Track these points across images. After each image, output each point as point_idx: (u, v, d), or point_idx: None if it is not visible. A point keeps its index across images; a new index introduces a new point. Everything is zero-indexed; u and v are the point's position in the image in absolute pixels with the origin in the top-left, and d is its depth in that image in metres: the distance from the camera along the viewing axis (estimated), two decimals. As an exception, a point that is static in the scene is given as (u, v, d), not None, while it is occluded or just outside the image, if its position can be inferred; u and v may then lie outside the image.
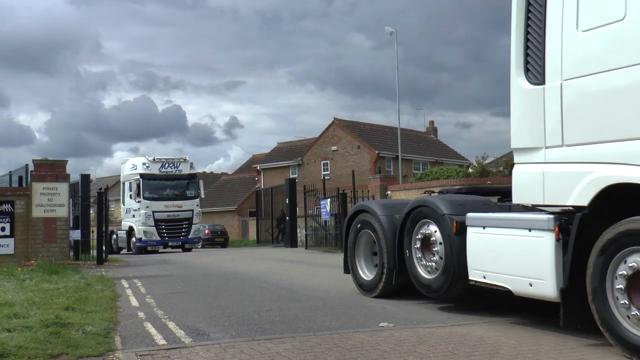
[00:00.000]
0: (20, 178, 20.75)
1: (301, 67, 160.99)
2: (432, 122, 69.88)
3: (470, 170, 27.90)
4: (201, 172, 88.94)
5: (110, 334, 7.96)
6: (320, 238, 29.58)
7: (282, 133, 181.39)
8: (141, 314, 9.62)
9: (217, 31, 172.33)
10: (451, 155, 64.26)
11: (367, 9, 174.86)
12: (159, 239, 33.05)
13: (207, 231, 46.35)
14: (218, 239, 47.21)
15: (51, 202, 18.17)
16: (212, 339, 7.65)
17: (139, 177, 33.10)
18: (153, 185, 33.25)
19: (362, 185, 28.29)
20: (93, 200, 23.78)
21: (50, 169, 18.61)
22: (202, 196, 35.75)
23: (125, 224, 35.09)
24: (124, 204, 35.96)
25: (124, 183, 36.08)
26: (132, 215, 33.98)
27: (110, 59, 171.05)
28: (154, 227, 32.85)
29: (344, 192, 26.76)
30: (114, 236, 35.91)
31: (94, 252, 21.78)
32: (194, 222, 34.18)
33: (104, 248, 21.64)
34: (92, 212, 25.71)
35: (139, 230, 33.05)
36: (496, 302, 10.33)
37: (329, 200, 27.55)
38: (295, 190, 33.67)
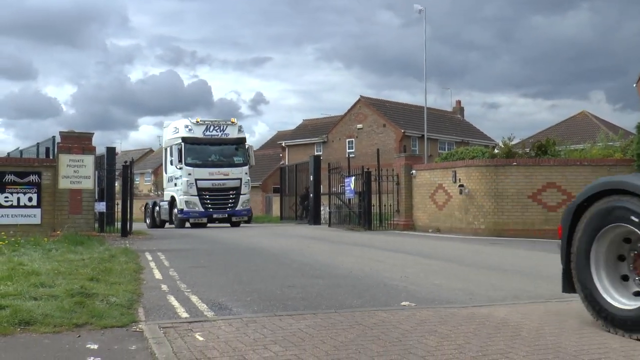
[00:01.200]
0: (47, 150, 20.91)
1: (328, 44, 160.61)
2: (458, 102, 69.36)
3: (496, 151, 27.64)
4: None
5: (134, 305, 8.04)
6: (344, 216, 29.57)
7: (308, 110, 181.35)
8: (164, 287, 9.71)
9: (244, 6, 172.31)
10: (477, 135, 63.78)
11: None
12: (202, 210, 30.25)
13: None
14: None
15: (77, 174, 18.33)
16: (234, 313, 7.71)
17: (180, 141, 30.49)
18: (196, 150, 30.56)
19: (386, 164, 28.16)
20: (118, 173, 23.92)
21: (76, 141, 18.74)
22: (252, 163, 32.49)
23: (167, 193, 32.82)
24: (166, 172, 33.51)
25: (166, 149, 33.73)
26: (174, 184, 31.36)
27: (138, 32, 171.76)
28: (197, 197, 30.10)
29: (369, 171, 26.74)
30: (157, 208, 34.39)
31: (118, 225, 21.95)
32: (242, 192, 31.09)
33: (128, 220, 21.79)
34: (117, 184, 25.92)
35: (180, 200, 30.35)
36: (520, 283, 10.31)
37: (353, 178, 27.51)
38: (319, 168, 33.75)
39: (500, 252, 15.80)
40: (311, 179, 33.49)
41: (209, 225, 31.03)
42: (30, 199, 17.88)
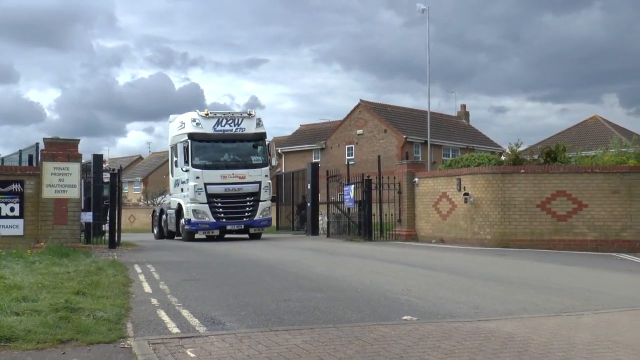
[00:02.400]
0: (31, 157, 20.88)
1: (327, 45, 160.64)
2: (463, 106, 69.45)
3: (502, 158, 27.72)
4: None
5: (122, 320, 8.05)
6: (343, 226, 29.45)
7: (305, 115, 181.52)
8: (154, 301, 9.72)
9: (238, 6, 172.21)
10: (483, 141, 63.84)
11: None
12: (214, 220, 25.80)
13: None
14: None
15: (62, 182, 18.28)
16: (227, 328, 7.72)
17: (187, 138, 26.18)
18: (206, 148, 26.32)
19: (388, 171, 28.16)
20: (105, 181, 23.87)
21: (61, 148, 18.68)
22: (274, 163, 28.25)
23: (174, 200, 28.36)
24: (172, 175, 29.14)
25: (171, 148, 29.18)
26: (181, 190, 27.07)
27: (126, 33, 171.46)
28: (207, 205, 25.68)
29: (369, 178, 26.71)
30: (164, 217, 30.32)
31: (106, 236, 21.94)
32: (261, 199, 26.51)
33: (116, 231, 21.78)
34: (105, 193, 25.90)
35: (187, 209, 26.06)
36: (528, 296, 10.33)
37: (353, 186, 27.45)
38: (317, 175, 33.40)
39: (507, 264, 15.81)
40: (309, 187, 32.95)
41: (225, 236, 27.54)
42: (12, 209, 17.83)
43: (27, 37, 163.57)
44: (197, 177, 25.65)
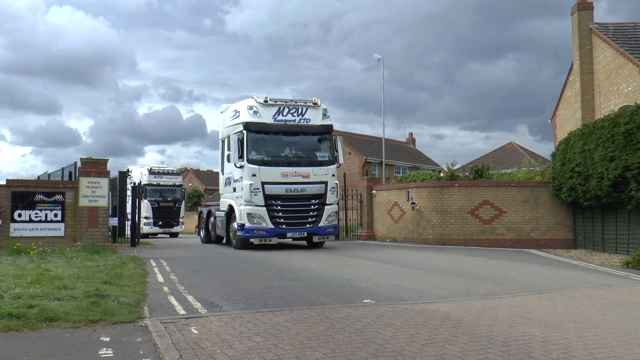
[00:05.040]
0: (70, 173, 20.66)
1: (303, 85, 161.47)
2: (411, 134, 69.65)
3: (441, 174, 27.83)
4: (216, 172, 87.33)
5: (140, 304, 7.95)
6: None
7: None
8: (166, 289, 9.61)
9: (233, 54, 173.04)
10: (426, 161, 64.04)
11: (359, 37, 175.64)
12: (272, 226, 18.07)
13: None
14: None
15: (94, 193, 18.14)
16: (223, 310, 7.64)
17: (242, 128, 18.56)
18: (264, 141, 18.65)
19: (352, 185, 28.15)
20: (128, 193, 23.61)
21: (94, 166, 18.54)
22: (341, 161, 19.61)
23: (224, 201, 20.66)
24: (222, 173, 21.20)
25: (222, 141, 21.24)
26: (233, 189, 19.29)
27: (144, 75, 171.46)
28: (265, 208, 18.03)
29: (337, 191, 26.62)
30: (211, 219, 22.89)
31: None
32: (327, 202, 18.76)
33: (135, 233, 21.54)
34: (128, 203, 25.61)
35: (240, 212, 18.38)
36: (462, 283, 10.34)
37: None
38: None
39: (445, 258, 15.85)
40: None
41: (287, 241, 20.44)
42: (55, 215, 17.64)
43: (68, 77, 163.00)
44: (254, 175, 18.07)
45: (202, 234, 24.74)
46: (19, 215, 17.26)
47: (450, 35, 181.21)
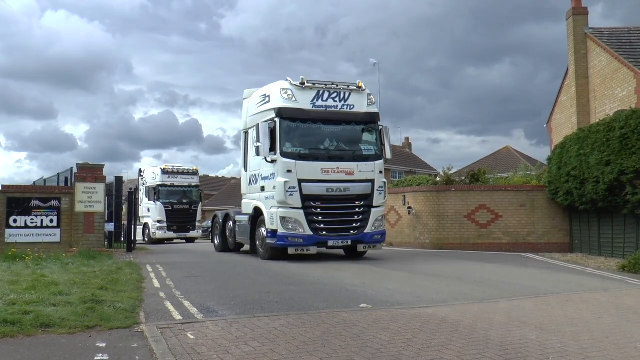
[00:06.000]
0: (66, 179, 20.60)
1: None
2: (407, 138, 69.66)
3: (437, 179, 27.82)
4: (213, 176, 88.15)
5: (136, 310, 7.93)
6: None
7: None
8: (162, 294, 9.58)
9: (229, 59, 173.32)
10: (422, 166, 64.02)
11: (355, 41, 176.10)
12: (310, 233, 15.18)
13: None
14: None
15: (90, 199, 18.09)
16: (220, 315, 7.63)
17: (274, 115, 15.62)
18: (301, 130, 15.72)
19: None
20: (125, 198, 23.52)
21: (90, 172, 18.51)
22: (389, 156, 16.72)
23: (248, 203, 17.52)
24: (246, 169, 18.03)
25: (245, 132, 18.39)
26: (261, 188, 16.36)
27: (140, 80, 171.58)
28: (302, 211, 15.18)
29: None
30: (229, 224, 19.65)
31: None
32: (374, 204, 15.85)
33: (131, 238, 21.47)
34: (124, 208, 25.55)
35: (271, 216, 15.54)
36: (459, 287, 10.34)
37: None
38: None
39: (442, 262, 15.85)
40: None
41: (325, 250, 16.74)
42: (51, 221, 17.59)
43: (64, 82, 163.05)
44: (289, 171, 15.12)
45: (216, 241, 21.25)
46: (15, 221, 17.21)
47: (447, 39, 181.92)
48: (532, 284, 11.14)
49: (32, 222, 17.39)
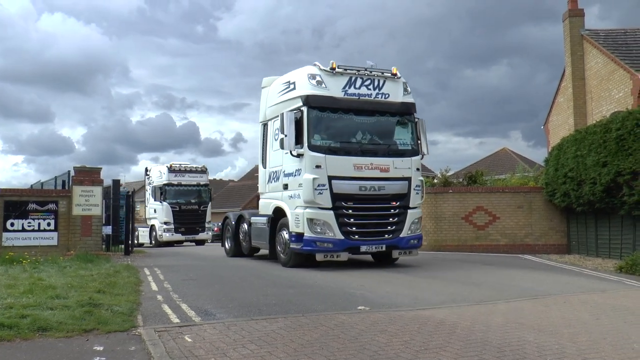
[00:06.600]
0: (64, 182, 20.59)
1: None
2: (404, 141, 69.88)
3: (435, 180, 27.86)
4: (211, 179, 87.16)
5: (134, 313, 7.91)
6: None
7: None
8: (159, 297, 9.57)
9: (225, 61, 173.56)
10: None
11: (352, 43, 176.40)
12: (341, 237, 13.41)
13: (216, 228, 36.03)
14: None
15: (88, 202, 18.10)
16: (217, 318, 7.62)
17: (301, 103, 13.83)
18: (331, 121, 13.97)
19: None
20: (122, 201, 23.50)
21: (87, 175, 18.52)
22: (426, 152, 14.89)
23: (267, 203, 15.86)
24: (264, 165, 16.20)
25: (264, 125, 16.42)
26: (284, 186, 14.57)
27: (137, 82, 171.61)
28: (332, 212, 13.39)
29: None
30: (244, 226, 17.84)
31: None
32: (411, 205, 14.18)
33: (130, 241, 21.47)
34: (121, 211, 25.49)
35: (296, 218, 13.76)
36: (457, 289, 10.34)
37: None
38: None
39: (440, 264, 15.85)
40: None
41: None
42: (48, 224, 17.59)
43: (61, 85, 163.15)
44: (318, 167, 13.33)
45: (227, 245, 19.31)
46: (12, 224, 17.19)
47: (444, 40, 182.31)
48: (530, 286, 11.15)
49: (29, 226, 17.38)
